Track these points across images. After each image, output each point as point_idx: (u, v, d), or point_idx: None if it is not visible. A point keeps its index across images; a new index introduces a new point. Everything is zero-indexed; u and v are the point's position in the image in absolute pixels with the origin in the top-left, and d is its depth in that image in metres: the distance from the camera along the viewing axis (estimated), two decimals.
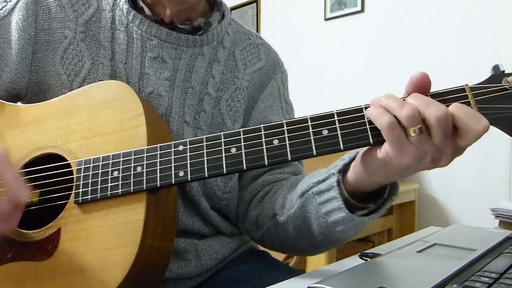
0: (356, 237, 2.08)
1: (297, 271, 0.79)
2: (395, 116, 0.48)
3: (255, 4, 3.36)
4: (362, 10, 2.69)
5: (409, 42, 2.46)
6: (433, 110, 0.46)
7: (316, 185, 0.61)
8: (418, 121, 0.47)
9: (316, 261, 1.85)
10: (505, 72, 0.50)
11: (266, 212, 0.72)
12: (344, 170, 0.59)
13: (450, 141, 0.47)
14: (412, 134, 0.47)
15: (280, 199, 0.70)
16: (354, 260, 0.64)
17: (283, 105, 0.85)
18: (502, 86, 0.49)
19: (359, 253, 0.66)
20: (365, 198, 0.59)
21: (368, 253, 0.64)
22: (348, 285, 0.47)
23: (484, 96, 0.49)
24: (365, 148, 0.54)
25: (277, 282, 0.59)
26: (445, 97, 0.50)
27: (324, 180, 0.60)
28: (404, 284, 0.47)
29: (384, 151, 0.50)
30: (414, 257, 0.58)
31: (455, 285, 0.44)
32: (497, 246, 0.62)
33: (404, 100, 0.49)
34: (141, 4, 0.76)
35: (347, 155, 0.59)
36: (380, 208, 0.59)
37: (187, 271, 0.74)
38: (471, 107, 0.48)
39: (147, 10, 0.76)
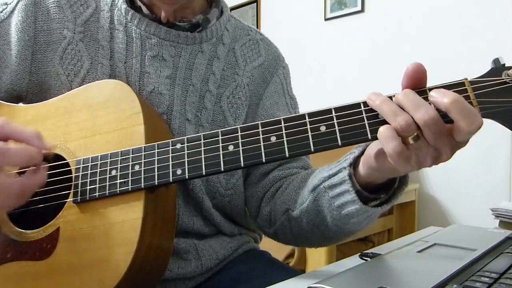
0: (356, 237, 2.08)
1: (297, 272, 0.78)
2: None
3: (255, 4, 3.36)
4: (362, 10, 2.69)
5: (409, 42, 2.46)
6: (421, 114, 0.47)
7: (328, 179, 0.61)
8: (413, 129, 0.47)
9: (316, 261, 1.85)
10: (506, 65, 0.49)
11: (278, 207, 0.73)
12: (354, 163, 0.59)
13: (446, 139, 0.47)
14: (411, 142, 0.48)
15: (292, 194, 0.70)
16: (354, 260, 0.64)
17: (288, 100, 0.85)
18: (502, 79, 0.48)
19: (359, 253, 0.66)
20: (376, 189, 0.59)
21: (368, 253, 0.64)
22: (348, 285, 0.47)
23: (484, 90, 0.48)
24: (375, 149, 0.54)
25: (277, 283, 0.59)
26: None
27: (335, 174, 0.60)
28: (404, 284, 0.47)
29: (389, 161, 0.50)
30: (414, 257, 0.58)
31: (455, 285, 0.44)
32: (497, 246, 0.62)
33: (393, 98, 0.49)
34: (139, 3, 0.76)
35: (357, 149, 0.59)
36: (392, 198, 0.59)
37: (188, 271, 0.74)
38: (471, 101, 0.48)
39: (145, 9, 0.76)
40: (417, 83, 0.50)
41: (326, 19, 2.87)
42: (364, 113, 0.51)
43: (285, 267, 0.85)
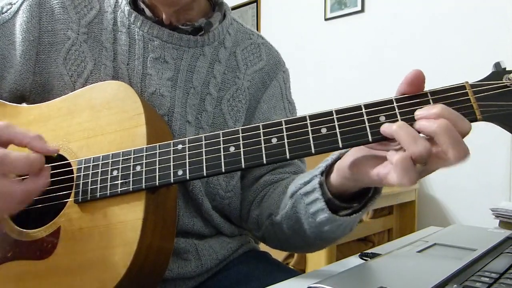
0: (356, 237, 2.08)
1: (297, 273, 0.78)
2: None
3: (255, 4, 3.36)
4: (362, 10, 2.69)
5: (409, 42, 2.46)
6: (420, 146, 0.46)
7: (303, 186, 0.62)
8: (429, 157, 0.46)
9: (316, 261, 1.85)
10: (507, 69, 0.49)
11: (264, 212, 0.73)
12: (327, 171, 0.59)
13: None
14: (420, 167, 0.47)
15: (276, 199, 0.71)
16: (354, 260, 0.64)
17: (286, 105, 0.85)
18: (503, 83, 0.48)
19: (359, 253, 0.66)
20: (350, 197, 0.59)
21: (368, 253, 0.64)
22: (348, 285, 0.47)
23: (485, 93, 0.48)
24: (349, 160, 0.54)
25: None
26: (445, 94, 0.49)
27: (309, 181, 0.61)
28: (404, 284, 0.47)
29: (385, 180, 0.49)
30: (414, 257, 0.58)
31: (455, 285, 0.44)
32: (497, 246, 0.62)
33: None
34: (142, 5, 0.76)
35: (330, 156, 0.60)
36: (364, 208, 0.59)
37: (188, 271, 0.74)
38: (471, 104, 0.48)
39: (147, 12, 0.76)
40: (416, 90, 0.50)
41: (326, 19, 2.88)
42: (365, 115, 0.51)
43: (286, 268, 0.85)
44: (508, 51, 2.06)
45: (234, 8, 3.43)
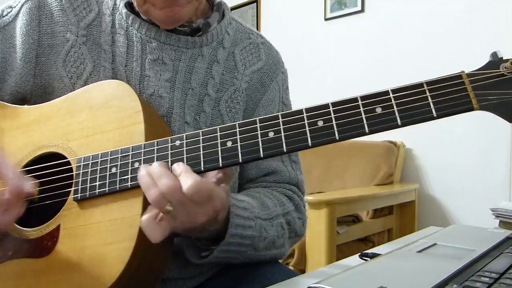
0: (356, 237, 2.08)
1: (297, 273, 0.78)
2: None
3: (255, 4, 3.36)
4: (362, 10, 2.69)
5: (409, 42, 2.46)
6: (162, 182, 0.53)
7: None
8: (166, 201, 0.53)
9: (316, 261, 1.85)
10: (503, 58, 0.50)
11: None
12: None
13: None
14: (168, 209, 0.53)
15: None
16: (354, 260, 0.64)
17: (280, 107, 0.85)
18: (500, 72, 0.49)
19: (359, 253, 0.66)
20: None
21: (368, 253, 0.64)
22: (348, 285, 0.47)
23: (481, 82, 0.49)
24: None
25: None
26: (441, 84, 0.50)
27: None
28: (404, 284, 0.47)
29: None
30: (414, 257, 0.58)
31: (455, 285, 0.44)
32: (497, 246, 0.61)
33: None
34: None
35: None
36: (222, 247, 0.64)
37: (188, 271, 0.74)
38: (468, 94, 0.49)
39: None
40: None
41: (326, 19, 2.87)
42: (361, 107, 0.52)
43: (286, 269, 0.85)
44: (508, 51, 2.05)
45: (234, 8, 3.43)
